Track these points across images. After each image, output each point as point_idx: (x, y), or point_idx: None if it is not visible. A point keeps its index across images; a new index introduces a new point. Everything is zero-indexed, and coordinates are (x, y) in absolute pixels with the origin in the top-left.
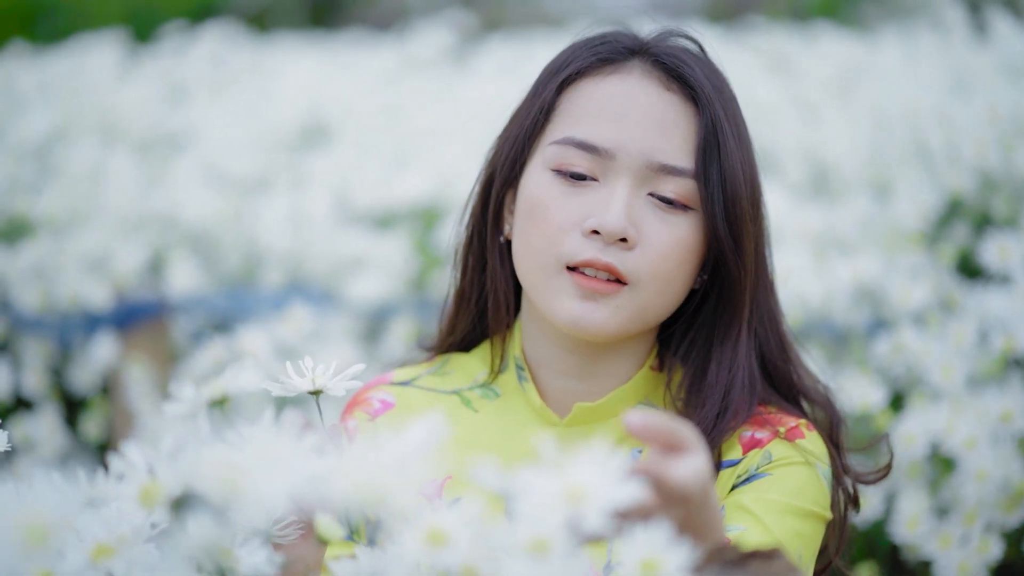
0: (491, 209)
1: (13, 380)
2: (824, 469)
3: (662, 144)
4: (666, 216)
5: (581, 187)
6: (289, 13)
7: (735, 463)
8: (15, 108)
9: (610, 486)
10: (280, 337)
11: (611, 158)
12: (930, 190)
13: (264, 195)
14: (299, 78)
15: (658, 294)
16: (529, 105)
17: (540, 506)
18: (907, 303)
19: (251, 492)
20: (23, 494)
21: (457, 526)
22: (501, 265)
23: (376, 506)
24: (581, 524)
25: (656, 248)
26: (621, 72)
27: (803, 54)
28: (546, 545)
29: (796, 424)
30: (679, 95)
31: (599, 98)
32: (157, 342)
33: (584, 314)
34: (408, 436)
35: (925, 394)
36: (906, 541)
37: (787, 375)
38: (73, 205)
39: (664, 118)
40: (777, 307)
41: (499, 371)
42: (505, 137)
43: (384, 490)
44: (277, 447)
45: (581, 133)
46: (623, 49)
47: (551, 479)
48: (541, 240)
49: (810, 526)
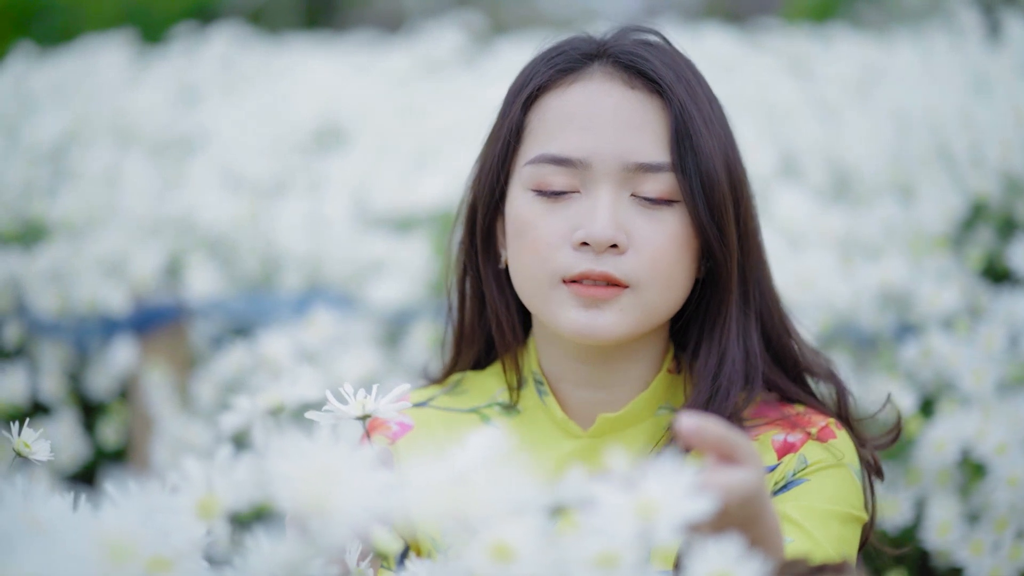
0: (479, 237)
1: (30, 385)
2: (856, 468)
3: (635, 143)
4: (653, 214)
5: (563, 201)
6: (285, 13)
7: (771, 469)
8: (26, 110)
9: (682, 500)
10: (301, 341)
11: (587, 167)
12: (954, 193)
13: (281, 198)
14: (312, 80)
15: (661, 292)
16: (498, 129)
17: (610, 520)
18: (936, 307)
19: (338, 507)
20: (103, 509)
21: (523, 540)
22: (500, 292)
23: (462, 520)
24: (652, 538)
25: (649, 248)
26: (583, 79)
27: (819, 56)
28: (615, 559)
29: (826, 424)
30: (644, 91)
31: (565, 110)
32: (176, 346)
33: (589, 321)
34: (470, 448)
35: (955, 399)
36: (937, 548)
37: (791, 352)
38: (89, 208)
39: (632, 117)
40: (772, 286)
41: (517, 387)
42: (480, 164)
43: (473, 504)
44: (348, 462)
45: (553, 148)
46: (581, 56)
47: (622, 493)
48: (533, 260)
49: (851, 530)
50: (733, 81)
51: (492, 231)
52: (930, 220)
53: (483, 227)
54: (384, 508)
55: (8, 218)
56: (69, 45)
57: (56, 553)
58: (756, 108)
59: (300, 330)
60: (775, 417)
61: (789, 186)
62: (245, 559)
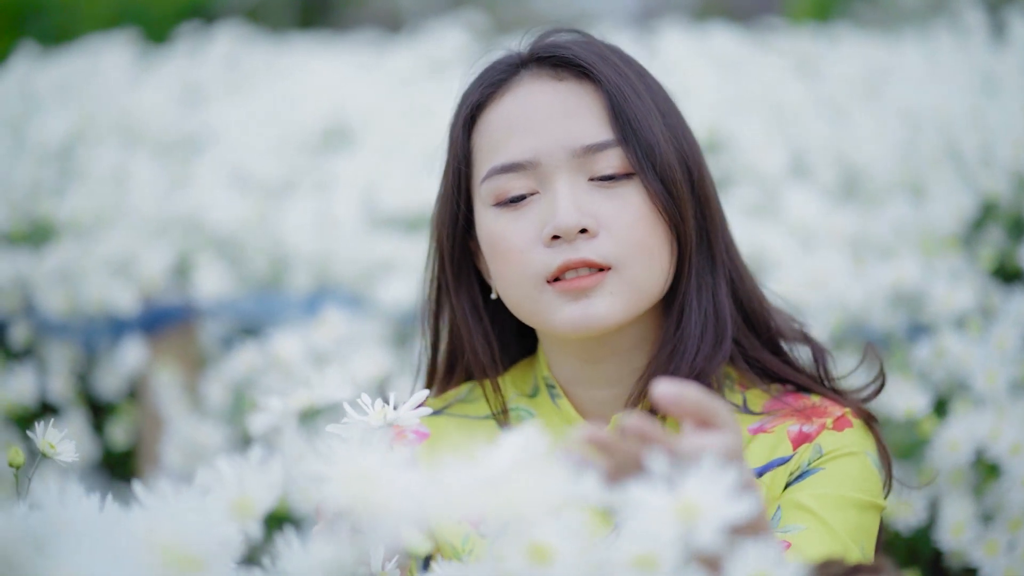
0: (450, 273)
1: (38, 385)
2: (873, 456)
3: (576, 129)
4: (614, 192)
5: (526, 205)
6: (280, 12)
7: (786, 460)
8: (30, 110)
9: (724, 502)
10: (312, 341)
11: (537, 166)
12: (963, 193)
13: (288, 198)
14: (316, 80)
15: (643, 266)
16: (449, 162)
17: (651, 521)
18: (949, 307)
19: (389, 508)
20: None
21: (562, 541)
22: (477, 322)
23: (515, 519)
24: (693, 540)
25: (619, 225)
26: (512, 87)
27: (824, 55)
28: (654, 561)
29: (842, 413)
30: (572, 79)
31: (503, 120)
32: (185, 346)
33: (584, 312)
34: (505, 447)
35: (968, 400)
36: (951, 548)
37: (762, 316)
38: (96, 208)
39: (567, 105)
40: (738, 251)
41: (530, 395)
42: (440, 201)
43: (511, 504)
44: (393, 464)
45: (501, 159)
46: (507, 67)
47: (662, 494)
48: (513, 269)
49: (869, 517)
50: (738, 81)
51: (463, 264)
52: (940, 220)
53: (452, 260)
54: (431, 509)
55: (16, 218)
56: (67, 45)
57: (104, 556)
58: (763, 107)
59: (311, 330)
60: (791, 408)
61: (798, 186)
62: (293, 559)
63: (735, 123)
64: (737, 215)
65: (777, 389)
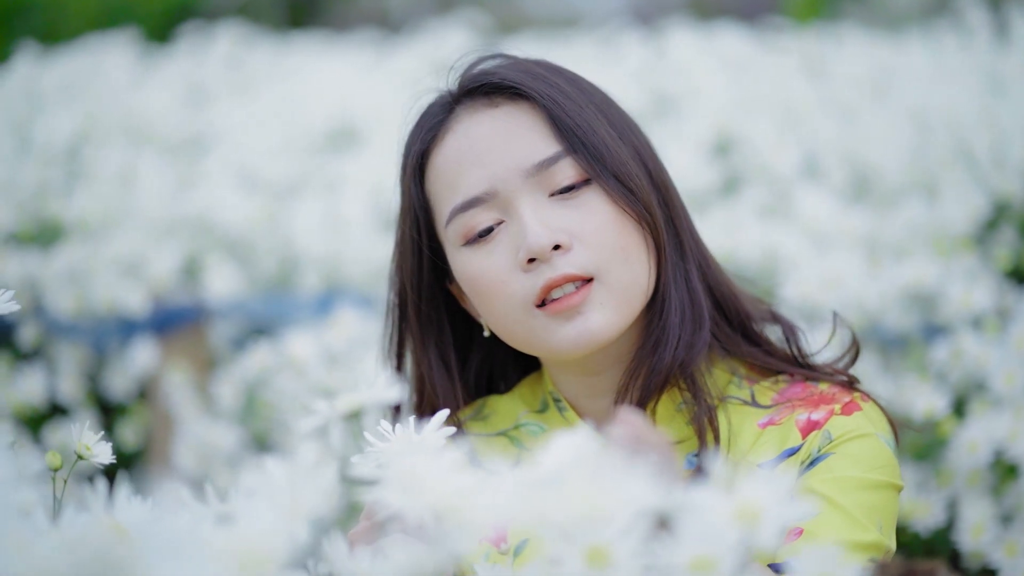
0: (415, 321)
1: (48, 386)
2: (887, 437)
3: (523, 150)
4: (576, 202)
5: (496, 237)
6: (266, 12)
7: (796, 450)
8: (33, 111)
9: (784, 505)
10: (326, 342)
11: (495, 195)
12: (976, 193)
13: (296, 199)
14: (320, 80)
15: (624, 269)
16: (404, 215)
17: (710, 524)
18: (967, 308)
19: (473, 514)
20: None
21: (619, 544)
22: (443, 369)
23: (596, 526)
24: (754, 542)
25: (590, 233)
26: (452, 126)
27: (829, 55)
28: (711, 564)
29: (851, 398)
30: (507, 102)
31: (451, 160)
32: (195, 347)
33: (579, 331)
34: (557, 450)
35: (986, 401)
36: (971, 549)
37: (732, 300)
38: (104, 208)
39: (508, 128)
40: (699, 236)
41: (540, 410)
42: (399, 253)
43: (567, 508)
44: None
45: (458, 198)
46: (441, 108)
47: (721, 497)
48: (499, 302)
49: (884, 496)
50: (746, 81)
51: (431, 314)
52: (953, 220)
53: (419, 312)
54: (515, 514)
55: (23, 219)
56: (55, 44)
57: (189, 564)
58: (772, 108)
59: (324, 330)
60: (799, 398)
61: (810, 187)
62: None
63: (745, 124)
64: (749, 216)
65: (784, 381)
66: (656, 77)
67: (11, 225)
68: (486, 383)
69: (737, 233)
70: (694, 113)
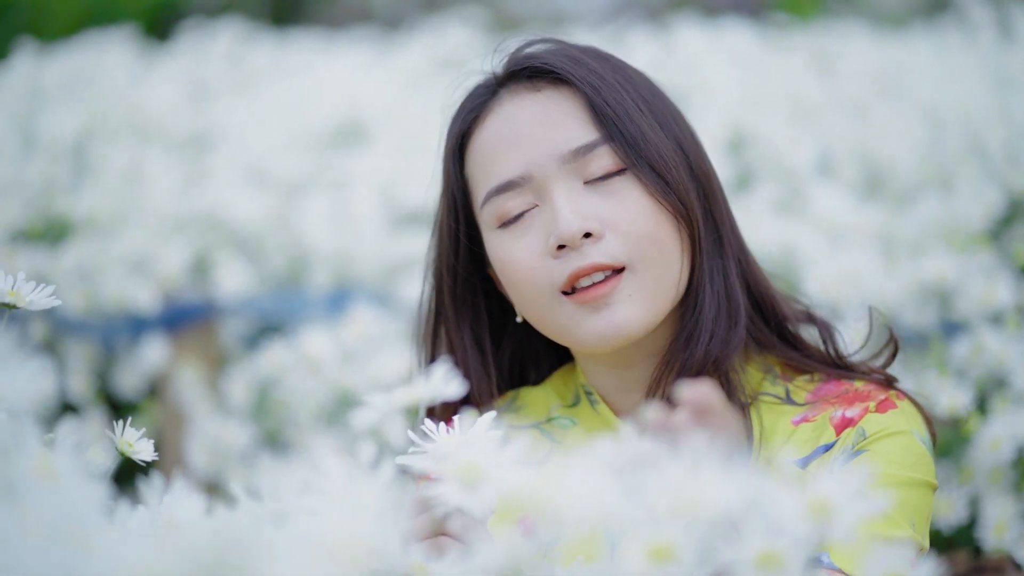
0: (450, 305)
1: (58, 384)
2: (922, 435)
3: (562, 135)
4: (611, 190)
5: (528, 221)
6: (251, 10)
7: (830, 446)
8: (36, 107)
9: (856, 499)
10: (340, 339)
11: (530, 179)
12: (991, 189)
13: (305, 196)
14: (323, 77)
15: (657, 261)
16: (445, 195)
17: (782, 519)
18: (987, 304)
19: (567, 511)
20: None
21: (682, 539)
22: (478, 353)
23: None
24: (826, 537)
25: (623, 222)
26: (494, 108)
27: (838, 52)
28: (778, 559)
29: (886, 396)
30: (549, 87)
31: (490, 142)
32: (206, 344)
33: (608, 322)
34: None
35: (1007, 397)
36: (994, 547)
37: (769, 298)
38: (113, 205)
39: (548, 114)
40: (739, 231)
41: (572, 404)
42: (438, 235)
43: (632, 504)
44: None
45: (494, 180)
46: (485, 90)
47: (793, 492)
48: (525, 286)
49: (917, 494)
50: (756, 77)
51: (466, 297)
52: (968, 216)
53: (454, 295)
54: (611, 511)
55: (31, 216)
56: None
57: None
58: (783, 104)
59: (339, 328)
60: (834, 395)
61: (824, 183)
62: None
63: (758, 120)
64: (764, 213)
65: (820, 378)
66: (666, 73)
67: (19, 222)
68: (519, 371)
69: (752, 229)
70: (705, 110)
